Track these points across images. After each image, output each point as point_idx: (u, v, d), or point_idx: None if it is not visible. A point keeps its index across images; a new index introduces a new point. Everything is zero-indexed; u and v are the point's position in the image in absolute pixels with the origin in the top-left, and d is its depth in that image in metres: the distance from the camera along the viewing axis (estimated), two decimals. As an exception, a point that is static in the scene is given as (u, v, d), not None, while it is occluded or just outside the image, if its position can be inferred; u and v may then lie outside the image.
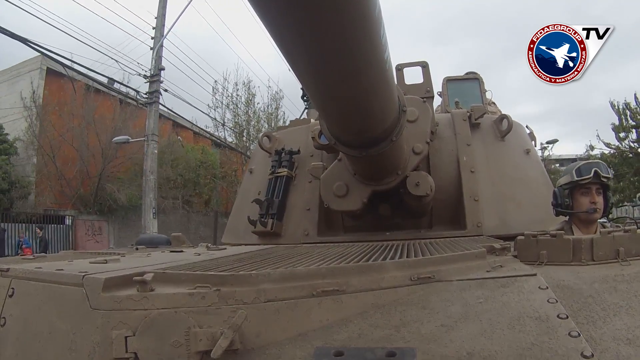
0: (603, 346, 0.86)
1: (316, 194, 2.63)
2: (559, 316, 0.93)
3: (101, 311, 1.03)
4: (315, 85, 1.37)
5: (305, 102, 4.52)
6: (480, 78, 3.91)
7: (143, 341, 0.98)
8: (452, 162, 2.66)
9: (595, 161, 2.20)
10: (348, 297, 1.05)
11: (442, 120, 2.79)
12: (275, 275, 1.08)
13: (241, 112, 19.11)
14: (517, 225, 2.40)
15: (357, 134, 1.79)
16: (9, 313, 1.26)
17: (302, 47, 1.10)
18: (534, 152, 3.09)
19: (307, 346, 0.96)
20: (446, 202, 2.58)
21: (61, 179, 14.11)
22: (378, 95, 1.49)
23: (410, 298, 1.06)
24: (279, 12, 0.95)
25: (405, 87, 2.71)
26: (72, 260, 1.73)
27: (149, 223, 11.94)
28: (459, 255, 1.26)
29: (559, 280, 1.10)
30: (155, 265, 1.41)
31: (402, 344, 0.92)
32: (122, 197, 14.35)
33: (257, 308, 1.02)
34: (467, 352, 0.87)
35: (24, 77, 15.43)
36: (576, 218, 2.21)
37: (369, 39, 1.13)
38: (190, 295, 1.03)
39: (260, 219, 2.70)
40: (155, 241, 2.90)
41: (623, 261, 1.21)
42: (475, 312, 0.98)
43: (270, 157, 3.00)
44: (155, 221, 12.31)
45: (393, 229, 2.60)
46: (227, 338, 0.94)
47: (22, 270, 1.32)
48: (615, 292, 1.03)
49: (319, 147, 2.63)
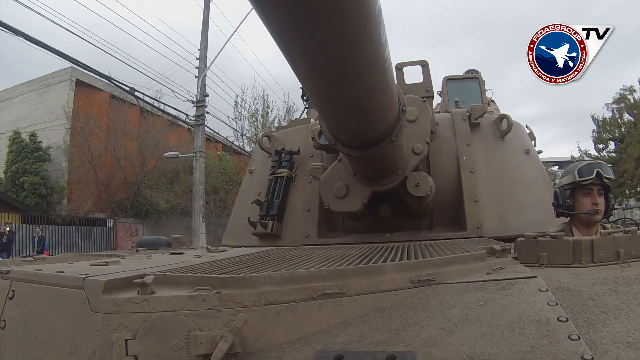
0: (603, 349, 0.86)
1: (316, 194, 2.62)
2: (559, 319, 0.93)
3: (101, 314, 1.03)
4: (315, 84, 1.37)
5: (305, 101, 4.51)
6: (481, 77, 3.90)
7: (143, 344, 0.98)
8: (452, 162, 2.65)
9: (598, 162, 2.15)
10: (348, 300, 1.05)
11: (441, 120, 2.79)
12: (275, 278, 1.08)
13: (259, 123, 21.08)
14: (517, 226, 2.39)
15: (357, 134, 1.79)
16: (9, 315, 1.26)
17: (302, 45, 1.10)
18: (534, 152, 3.09)
19: (307, 350, 0.96)
20: (446, 203, 2.58)
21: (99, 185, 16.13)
22: (378, 94, 1.49)
23: (411, 301, 1.07)
24: (278, 11, 0.95)
25: (405, 87, 2.70)
26: (72, 262, 1.73)
27: (199, 225, 13.72)
28: (459, 257, 1.26)
29: (559, 282, 1.11)
30: (155, 268, 1.41)
31: (403, 347, 0.92)
32: (160, 202, 16.77)
33: (258, 311, 1.03)
34: (468, 356, 0.87)
35: (53, 87, 17.04)
36: (577, 219, 2.19)
37: (369, 37, 1.13)
38: (191, 298, 1.03)
39: (261, 221, 2.70)
40: (155, 243, 2.90)
41: (623, 263, 1.21)
42: (476, 315, 0.98)
43: (270, 157, 3.00)
44: (204, 224, 14.01)
45: (393, 230, 2.60)
46: (227, 341, 0.94)
47: (23, 272, 1.32)
48: (615, 295, 1.03)
49: (318, 147, 2.63)
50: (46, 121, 16.54)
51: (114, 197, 16.37)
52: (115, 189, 16.49)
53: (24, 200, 14.93)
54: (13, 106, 18.05)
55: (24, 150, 15.51)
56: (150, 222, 17.50)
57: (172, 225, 17.83)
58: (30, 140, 15.73)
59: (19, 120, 17.32)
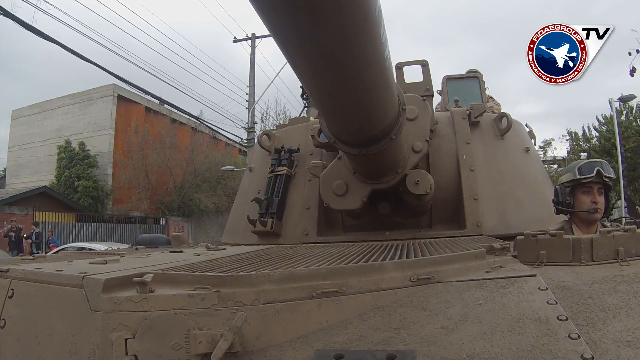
0: (603, 348, 0.86)
1: (316, 192, 2.62)
2: (559, 318, 0.92)
3: (101, 313, 1.03)
4: (315, 83, 1.37)
5: (304, 100, 4.50)
6: (481, 76, 3.89)
7: (143, 343, 0.98)
8: (451, 160, 2.65)
9: (599, 160, 2.15)
10: (348, 298, 1.05)
11: (441, 119, 2.78)
12: (275, 276, 1.08)
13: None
14: (516, 225, 2.39)
15: (357, 132, 1.78)
16: (8, 314, 1.26)
17: (301, 44, 1.10)
18: (534, 150, 3.09)
19: (307, 349, 0.96)
20: (446, 201, 2.58)
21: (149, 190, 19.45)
22: (378, 93, 1.49)
23: (410, 299, 1.06)
24: (278, 10, 0.95)
25: (405, 86, 2.69)
26: (72, 260, 1.73)
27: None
28: (459, 255, 1.26)
29: (559, 281, 1.10)
30: (155, 266, 1.41)
31: (402, 346, 0.92)
32: (209, 204, 20.29)
33: (257, 310, 1.02)
34: (467, 355, 0.87)
35: (96, 101, 20.47)
36: (577, 218, 2.19)
37: (369, 37, 1.12)
38: (190, 297, 1.03)
39: (260, 219, 2.70)
40: (155, 241, 2.90)
41: (623, 261, 1.21)
42: (475, 314, 0.98)
43: (270, 155, 3.00)
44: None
45: (393, 228, 2.60)
46: (227, 340, 0.94)
47: (22, 271, 1.32)
48: (615, 293, 1.03)
49: (318, 145, 2.63)
50: (90, 131, 19.90)
51: (164, 200, 20.13)
52: (164, 192, 20.17)
53: (78, 201, 17.86)
54: (55, 116, 21.22)
55: (76, 157, 18.68)
56: (193, 220, 21.15)
57: (210, 223, 21.86)
58: (79, 149, 18.88)
59: (62, 129, 20.54)
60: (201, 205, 20.18)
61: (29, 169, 21.40)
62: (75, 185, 18.15)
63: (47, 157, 20.01)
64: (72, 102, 20.92)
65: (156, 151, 19.25)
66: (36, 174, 20.77)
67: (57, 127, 20.83)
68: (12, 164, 22.50)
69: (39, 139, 21.29)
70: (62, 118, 21.01)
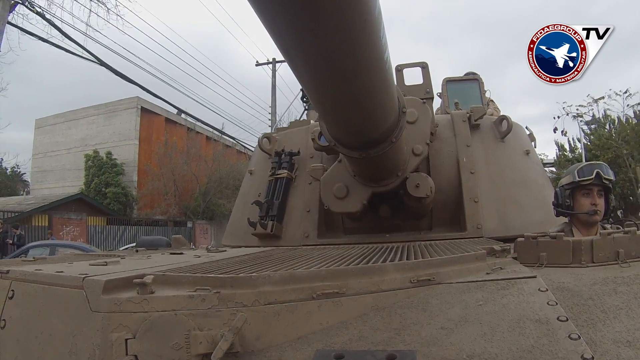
0: (603, 349, 0.86)
1: (316, 195, 2.62)
2: (559, 319, 0.92)
3: (101, 313, 1.03)
4: (315, 86, 1.37)
5: (304, 103, 4.51)
6: (480, 79, 3.90)
7: (143, 344, 0.98)
8: (451, 163, 2.66)
9: (598, 163, 2.15)
10: (348, 299, 1.05)
11: (441, 121, 2.79)
12: (275, 278, 1.08)
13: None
14: (517, 227, 2.39)
15: (357, 135, 1.79)
16: (9, 315, 1.26)
17: (301, 47, 1.10)
18: (534, 153, 3.09)
19: (307, 349, 0.96)
20: (446, 204, 2.58)
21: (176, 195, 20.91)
22: (378, 96, 1.49)
23: (410, 300, 1.06)
24: (277, 12, 0.95)
25: (405, 88, 2.70)
26: (72, 262, 1.73)
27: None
28: (459, 257, 1.26)
29: (559, 282, 1.10)
30: (155, 267, 1.41)
31: (402, 346, 0.92)
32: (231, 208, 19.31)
33: (257, 310, 1.02)
34: (467, 355, 0.87)
35: (120, 113, 21.93)
36: (577, 220, 2.19)
37: (369, 39, 1.13)
38: (190, 298, 1.03)
39: (260, 221, 2.70)
40: (155, 243, 2.90)
41: (623, 263, 1.21)
42: (475, 315, 0.98)
43: (270, 158, 3.00)
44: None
45: (393, 230, 2.60)
46: (227, 341, 0.94)
47: (22, 272, 1.32)
48: (615, 294, 1.03)
49: (318, 148, 2.63)
50: (115, 141, 21.49)
51: (189, 205, 21.60)
52: (189, 197, 21.68)
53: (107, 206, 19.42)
54: (80, 126, 22.70)
55: (104, 165, 20.39)
56: (216, 223, 22.31)
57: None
58: (107, 158, 20.52)
59: (87, 138, 22.13)
60: (224, 209, 21.28)
61: (54, 175, 22.73)
62: (105, 191, 20.01)
63: (73, 165, 21.71)
64: (96, 112, 22.39)
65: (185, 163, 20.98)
66: (62, 180, 22.25)
67: (82, 137, 22.29)
68: (36, 171, 23.63)
69: (64, 147, 22.70)
70: (86, 128, 22.46)
